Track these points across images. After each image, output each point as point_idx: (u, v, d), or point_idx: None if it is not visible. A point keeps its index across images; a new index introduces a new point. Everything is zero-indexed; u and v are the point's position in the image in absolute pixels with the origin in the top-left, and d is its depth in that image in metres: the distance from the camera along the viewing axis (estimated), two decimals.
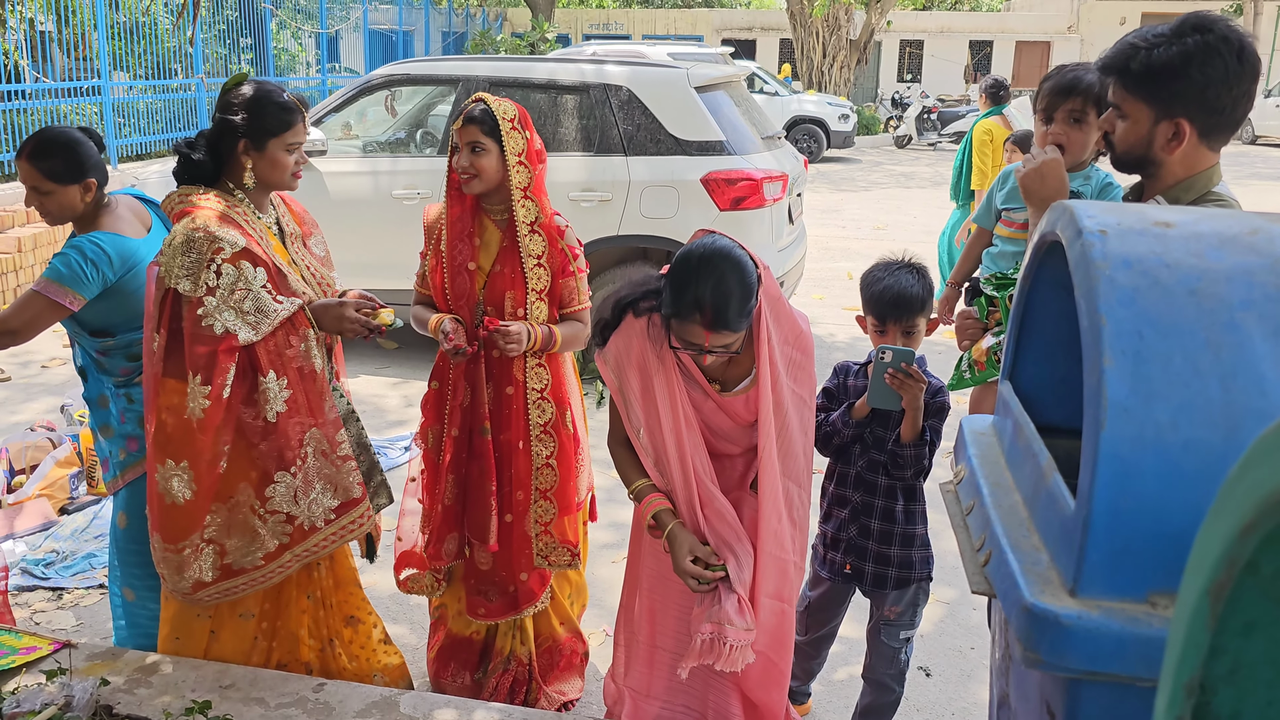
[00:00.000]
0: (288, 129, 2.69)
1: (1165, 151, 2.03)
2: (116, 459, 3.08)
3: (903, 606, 2.84)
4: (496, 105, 2.83)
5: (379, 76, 6.80)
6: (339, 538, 2.77)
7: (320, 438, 2.70)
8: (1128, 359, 1.19)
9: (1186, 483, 1.16)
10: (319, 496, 2.70)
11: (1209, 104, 1.97)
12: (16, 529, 4.29)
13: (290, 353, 2.64)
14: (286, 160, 2.72)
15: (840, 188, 16.25)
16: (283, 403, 2.63)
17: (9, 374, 6.41)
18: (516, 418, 2.92)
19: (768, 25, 33.39)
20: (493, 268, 2.87)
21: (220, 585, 2.71)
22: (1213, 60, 1.93)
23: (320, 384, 2.70)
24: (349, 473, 2.75)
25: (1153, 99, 2.00)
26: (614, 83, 6.22)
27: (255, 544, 2.68)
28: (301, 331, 2.66)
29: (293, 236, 2.89)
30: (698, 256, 2.31)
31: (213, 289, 2.55)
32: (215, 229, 2.57)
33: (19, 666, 2.86)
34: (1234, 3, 28.17)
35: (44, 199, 2.91)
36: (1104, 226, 1.32)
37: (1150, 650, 1.14)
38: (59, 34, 11.37)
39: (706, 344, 2.31)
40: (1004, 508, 1.46)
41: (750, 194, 5.98)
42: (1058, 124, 2.88)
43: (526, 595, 3.00)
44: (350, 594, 3.02)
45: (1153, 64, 1.98)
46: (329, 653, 2.95)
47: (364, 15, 20.24)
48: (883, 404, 2.62)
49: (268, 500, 2.66)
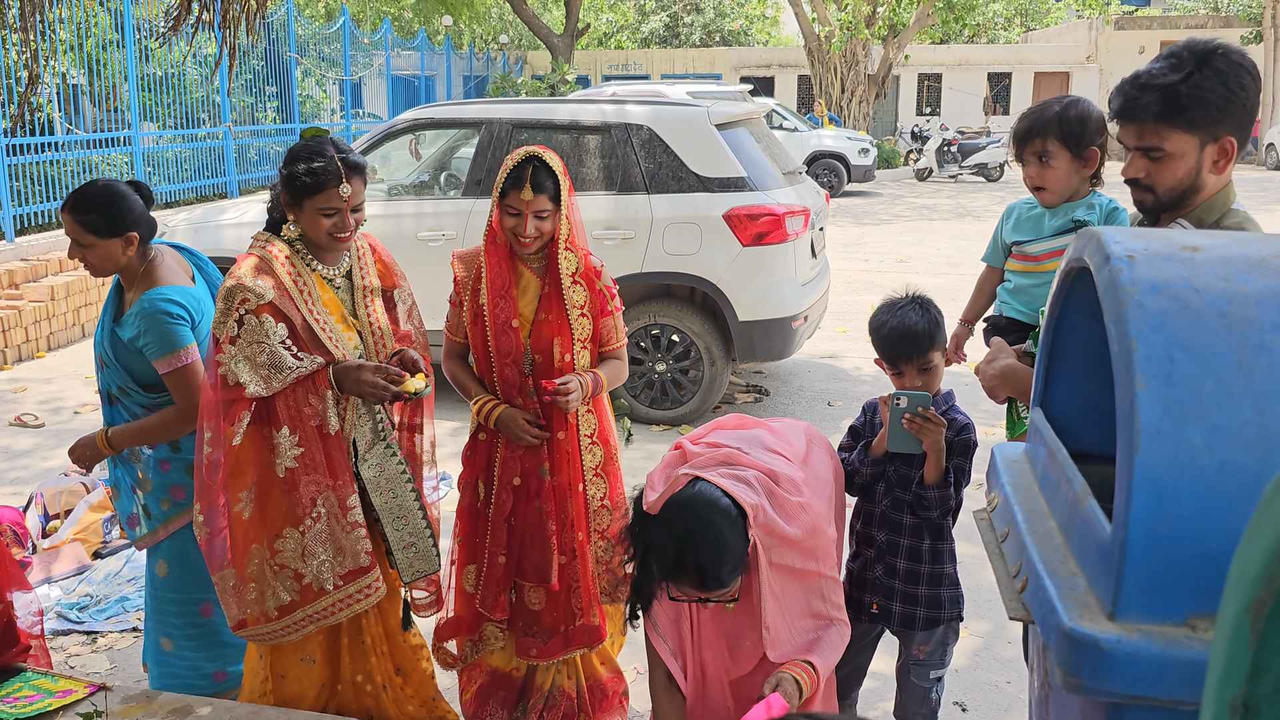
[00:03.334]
0: (315, 192, 2.64)
1: (1214, 173, 2.05)
2: (158, 510, 3.07)
3: (932, 645, 2.79)
4: (552, 161, 2.82)
5: (404, 121, 6.89)
6: (349, 603, 2.76)
7: (334, 501, 2.69)
8: (1159, 382, 1.20)
9: (1223, 504, 1.16)
10: (327, 559, 2.70)
11: (1247, 116, 2.04)
12: (52, 573, 4.33)
13: (308, 410, 2.65)
14: (322, 222, 2.67)
15: (862, 221, 16.28)
16: (293, 459, 2.64)
17: (42, 420, 6.49)
18: (572, 461, 2.95)
19: (785, 62, 33.62)
20: (536, 316, 2.89)
21: (256, 629, 2.76)
22: (1243, 76, 2.00)
23: (338, 446, 2.70)
24: (357, 540, 2.73)
25: (1199, 126, 2.02)
26: (635, 122, 6.28)
27: (271, 593, 2.72)
28: (321, 391, 2.66)
29: (366, 290, 2.86)
30: (680, 521, 2.25)
31: (233, 338, 2.59)
32: (247, 280, 2.60)
33: (56, 710, 2.87)
34: (1254, 30, 28.15)
35: (85, 251, 2.92)
36: (1131, 252, 1.33)
37: (1191, 673, 1.13)
38: (90, 86, 11.59)
39: (704, 596, 2.31)
40: (1039, 534, 1.46)
41: (773, 229, 6.01)
42: (1029, 167, 2.88)
43: (588, 633, 2.99)
44: (398, 645, 2.99)
45: (1197, 92, 2.00)
46: (384, 698, 2.93)
47: (387, 62, 20.55)
48: (902, 448, 2.61)
49: (276, 554, 2.70)
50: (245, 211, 7.31)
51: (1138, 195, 2.16)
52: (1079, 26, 33.64)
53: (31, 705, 2.86)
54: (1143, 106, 2.05)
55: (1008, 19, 40.47)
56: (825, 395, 6.97)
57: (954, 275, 11.08)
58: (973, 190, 21.13)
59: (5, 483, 5.46)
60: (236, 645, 3.18)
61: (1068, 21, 37.05)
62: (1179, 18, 32.75)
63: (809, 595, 2.46)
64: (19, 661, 3.11)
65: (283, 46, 15.62)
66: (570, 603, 2.99)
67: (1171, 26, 31.18)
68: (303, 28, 16.59)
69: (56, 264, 9.08)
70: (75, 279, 8.88)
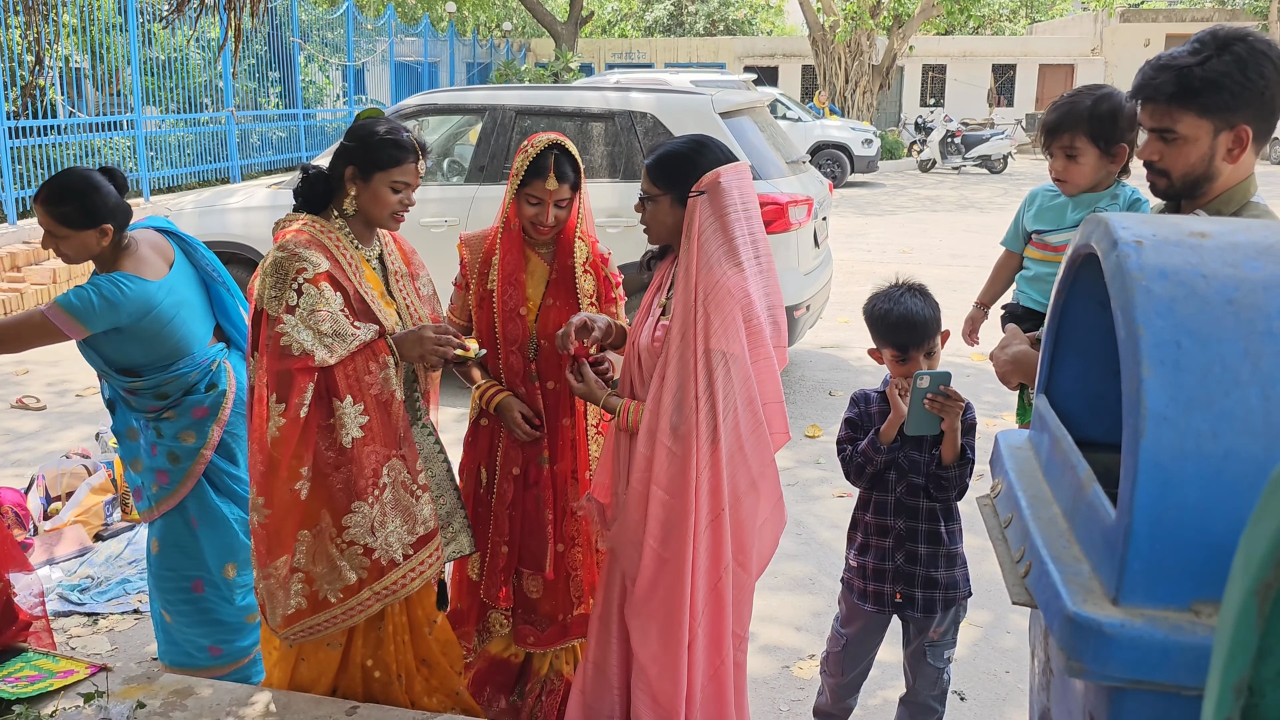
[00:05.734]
0: (395, 165, 2.64)
1: (1228, 161, 2.03)
2: (149, 491, 3.10)
3: (946, 626, 2.81)
4: (575, 153, 2.84)
5: (408, 107, 6.88)
6: (417, 574, 2.70)
7: (400, 468, 2.65)
8: (1166, 368, 1.20)
9: (1228, 491, 1.16)
10: (396, 529, 2.64)
11: (1266, 107, 2.00)
12: (53, 555, 4.34)
13: (369, 379, 2.60)
14: (390, 198, 2.67)
15: (865, 212, 16.26)
16: (359, 429, 2.57)
17: (44, 402, 6.49)
18: (576, 449, 2.95)
19: (790, 52, 33.53)
20: (544, 302, 2.89)
21: (306, 621, 2.66)
22: (1264, 65, 1.96)
23: (399, 414, 2.65)
24: (425, 504, 2.69)
25: (1213, 111, 2.00)
26: (639, 109, 6.27)
27: (335, 575, 2.63)
28: (381, 359, 2.61)
29: (397, 274, 2.86)
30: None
31: (292, 308, 2.52)
32: (301, 250, 2.57)
33: (57, 690, 2.89)
34: (1260, 24, 28.08)
35: (59, 242, 2.92)
36: (1139, 238, 1.32)
37: (1194, 658, 1.13)
38: (93, 70, 11.58)
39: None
40: (1043, 519, 1.46)
41: (775, 218, 6.00)
42: (1056, 160, 2.88)
43: (587, 622, 2.98)
44: (421, 637, 2.93)
45: (1212, 75, 1.98)
46: (395, 688, 2.87)
47: (390, 48, 20.51)
48: (922, 430, 2.61)
49: (344, 530, 2.61)
50: (251, 195, 7.31)
51: (1152, 178, 2.15)
52: (1084, 19, 33.56)
53: (33, 685, 2.87)
54: (1157, 86, 2.04)
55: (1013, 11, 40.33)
56: (827, 385, 6.97)
57: (956, 266, 11.07)
58: (976, 182, 21.09)
59: (7, 465, 5.46)
60: (231, 624, 3.20)
61: (1073, 14, 36.97)
62: (1185, 11, 32.66)
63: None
64: (19, 640, 3.12)
65: (286, 31, 15.60)
66: (569, 591, 3.00)
67: (1177, 19, 31.11)
68: (306, 13, 16.55)
69: None
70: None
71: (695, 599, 2.50)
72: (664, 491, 2.43)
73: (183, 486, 3.08)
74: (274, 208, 7.04)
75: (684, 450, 2.41)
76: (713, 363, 2.39)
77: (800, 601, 4.06)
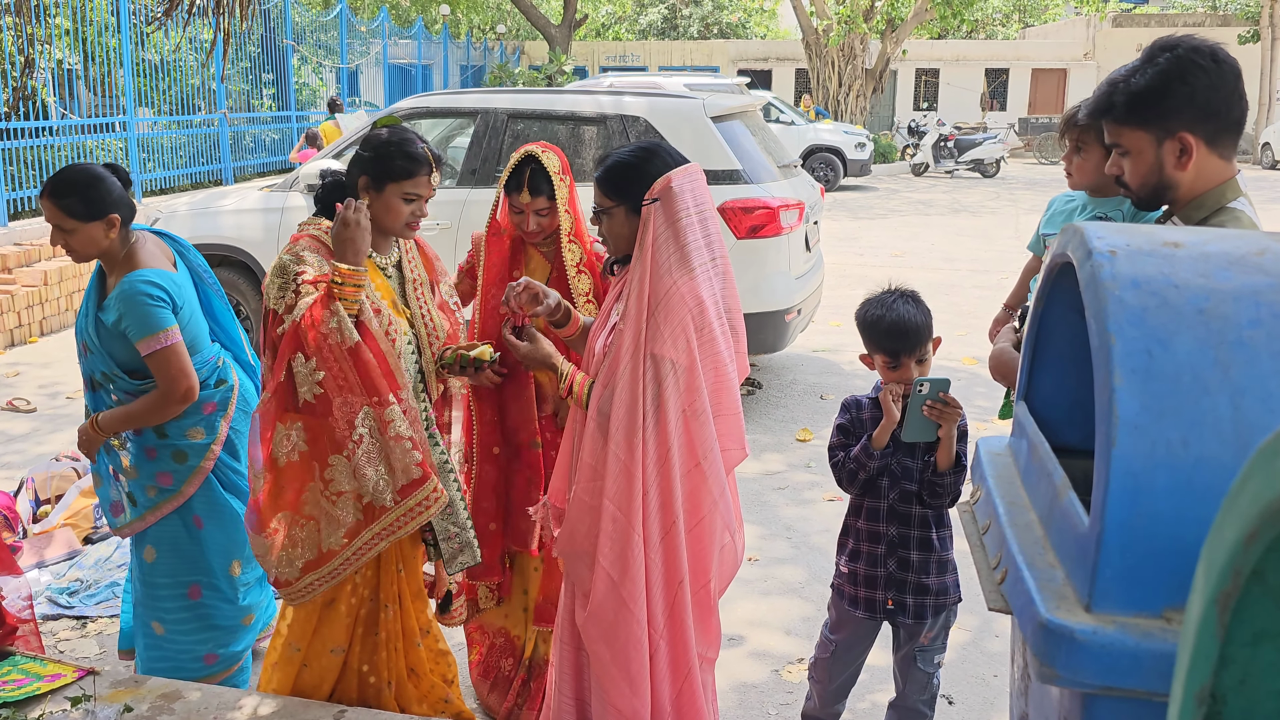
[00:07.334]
0: (408, 177, 2.68)
1: (1179, 170, 2.04)
2: (144, 498, 3.07)
3: (937, 630, 2.82)
4: (549, 163, 2.95)
5: (401, 110, 6.88)
6: (413, 516, 2.70)
7: (372, 418, 2.64)
8: (1138, 377, 1.21)
9: (1198, 499, 1.17)
10: (378, 477, 2.65)
11: (1204, 110, 1.99)
12: (42, 558, 4.34)
13: (327, 331, 2.59)
14: (402, 208, 2.70)
15: (858, 215, 16.29)
16: (316, 384, 2.60)
17: (35, 405, 6.49)
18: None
19: (783, 55, 33.58)
20: None
21: (320, 570, 2.70)
22: (1191, 70, 1.96)
23: (366, 361, 2.62)
24: (405, 453, 2.66)
25: (1148, 123, 2.02)
26: (631, 114, 6.28)
27: (334, 524, 2.69)
28: (331, 306, 2.60)
29: (416, 282, 2.89)
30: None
31: (291, 307, 2.61)
32: (304, 253, 2.66)
33: (44, 693, 2.89)
34: (1251, 28, 28.14)
35: (67, 236, 2.91)
36: (1113, 247, 1.34)
37: (1166, 665, 1.14)
38: (85, 71, 11.56)
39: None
40: (1020, 526, 1.48)
41: (767, 222, 6.02)
42: (1068, 150, 2.98)
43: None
44: (412, 647, 2.96)
45: (1136, 90, 2.01)
46: (387, 694, 2.90)
47: (383, 50, 20.51)
48: (918, 436, 2.62)
49: (329, 484, 2.67)
50: (245, 198, 7.30)
51: (1123, 192, 2.18)
52: (1077, 23, 33.64)
53: (20, 689, 2.87)
54: (1100, 104, 2.09)
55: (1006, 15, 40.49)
56: (818, 389, 6.98)
57: (948, 270, 11.10)
58: (968, 186, 21.14)
59: None
60: (228, 627, 3.20)
61: (1066, 18, 37.06)
62: (1177, 15, 32.77)
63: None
64: (7, 644, 3.12)
65: (279, 34, 15.58)
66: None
67: (1169, 24, 31.14)
68: (300, 15, 16.55)
69: (50, 249, 9.05)
70: (69, 264, 8.87)
71: (654, 611, 2.45)
72: (612, 503, 2.38)
73: (189, 485, 3.08)
74: (266, 210, 7.05)
75: (630, 459, 2.36)
76: (661, 371, 2.34)
77: (790, 606, 4.07)
